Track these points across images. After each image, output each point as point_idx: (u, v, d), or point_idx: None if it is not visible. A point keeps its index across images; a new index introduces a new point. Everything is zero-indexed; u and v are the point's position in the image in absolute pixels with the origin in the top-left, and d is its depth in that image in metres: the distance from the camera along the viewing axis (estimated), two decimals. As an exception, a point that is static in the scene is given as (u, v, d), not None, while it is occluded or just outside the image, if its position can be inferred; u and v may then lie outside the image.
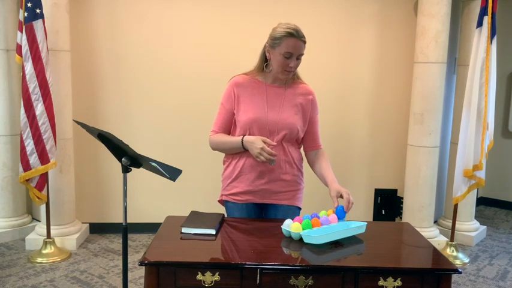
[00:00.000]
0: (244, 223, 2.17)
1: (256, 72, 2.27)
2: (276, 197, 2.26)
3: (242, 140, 2.16)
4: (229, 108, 2.25)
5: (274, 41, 2.13)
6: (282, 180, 2.24)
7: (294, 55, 2.12)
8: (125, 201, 2.02)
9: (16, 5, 4.03)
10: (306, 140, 2.32)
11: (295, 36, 2.09)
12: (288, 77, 2.21)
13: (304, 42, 2.13)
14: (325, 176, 2.21)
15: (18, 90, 3.98)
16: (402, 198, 4.42)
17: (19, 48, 3.50)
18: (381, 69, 4.40)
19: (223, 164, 2.37)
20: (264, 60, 2.23)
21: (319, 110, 2.33)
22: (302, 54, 2.15)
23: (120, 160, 1.97)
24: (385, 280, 1.70)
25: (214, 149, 2.33)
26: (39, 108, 3.45)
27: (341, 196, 2.07)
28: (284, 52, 2.11)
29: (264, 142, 2.09)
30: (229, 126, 2.28)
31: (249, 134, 2.19)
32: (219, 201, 2.39)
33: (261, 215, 2.32)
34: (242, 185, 2.24)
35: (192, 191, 4.30)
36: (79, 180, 4.15)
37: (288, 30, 2.10)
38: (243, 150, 2.19)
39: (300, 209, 2.33)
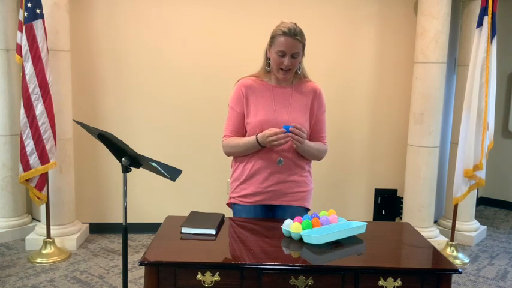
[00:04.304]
0: (244, 223, 2.17)
1: (262, 74, 2.25)
2: (285, 198, 2.25)
3: (256, 137, 2.13)
4: (240, 110, 2.23)
5: (270, 39, 2.16)
6: (292, 182, 2.24)
7: (287, 53, 2.11)
8: (125, 201, 2.02)
9: (16, 5, 4.03)
10: (310, 134, 2.28)
11: (287, 35, 2.09)
12: (286, 77, 2.19)
13: (299, 41, 2.11)
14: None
15: (18, 90, 3.98)
16: (402, 198, 4.41)
17: (19, 48, 3.50)
18: (381, 69, 4.40)
19: (231, 167, 2.35)
20: (267, 59, 2.23)
21: (325, 107, 2.32)
22: (297, 53, 2.13)
23: (120, 160, 1.97)
24: (385, 280, 1.69)
25: (228, 152, 2.28)
26: (39, 108, 3.45)
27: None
28: (277, 50, 2.12)
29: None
30: (241, 129, 2.24)
31: None
32: (227, 204, 2.37)
33: (269, 216, 2.30)
34: (252, 187, 2.23)
35: (192, 191, 4.30)
36: (79, 180, 4.15)
37: (282, 28, 2.10)
38: (259, 148, 2.16)
39: (308, 209, 2.32)
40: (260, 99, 2.21)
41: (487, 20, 3.57)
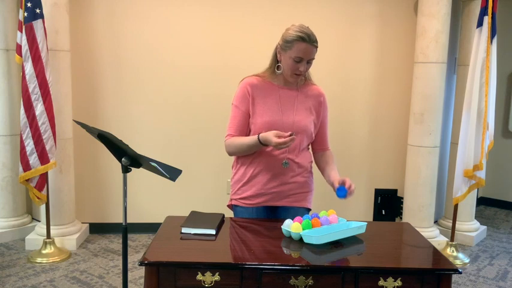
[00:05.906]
0: (244, 223, 2.17)
1: (267, 74, 2.22)
2: (288, 199, 2.24)
3: (258, 137, 2.09)
4: (244, 109, 2.19)
5: (285, 43, 2.10)
6: (294, 183, 2.23)
7: (305, 60, 2.10)
8: (125, 201, 2.02)
9: (16, 5, 4.03)
10: (314, 141, 2.31)
11: (306, 41, 2.06)
12: (297, 80, 2.20)
13: (316, 47, 2.10)
14: (333, 179, 2.21)
15: (18, 90, 3.98)
16: (402, 198, 4.41)
17: (19, 48, 3.50)
18: (381, 69, 4.40)
19: (232, 168, 2.33)
20: (276, 61, 2.19)
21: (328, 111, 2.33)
22: (313, 58, 2.13)
23: (120, 160, 1.97)
24: (385, 280, 1.69)
25: (231, 152, 2.23)
26: (39, 108, 3.45)
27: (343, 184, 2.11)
28: (294, 56, 2.08)
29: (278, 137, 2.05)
30: (245, 129, 2.21)
31: None
32: (228, 206, 2.36)
33: (272, 218, 2.29)
34: (254, 189, 2.22)
35: (192, 191, 4.29)
36: (79, 180, 4.15)
37: (300, 34, 2.06)
38: (261, 148, 2.14)
39: (309, 210, 2.32)
40: (266, 99, 2.19)
41: (487, 20, 3.57)
